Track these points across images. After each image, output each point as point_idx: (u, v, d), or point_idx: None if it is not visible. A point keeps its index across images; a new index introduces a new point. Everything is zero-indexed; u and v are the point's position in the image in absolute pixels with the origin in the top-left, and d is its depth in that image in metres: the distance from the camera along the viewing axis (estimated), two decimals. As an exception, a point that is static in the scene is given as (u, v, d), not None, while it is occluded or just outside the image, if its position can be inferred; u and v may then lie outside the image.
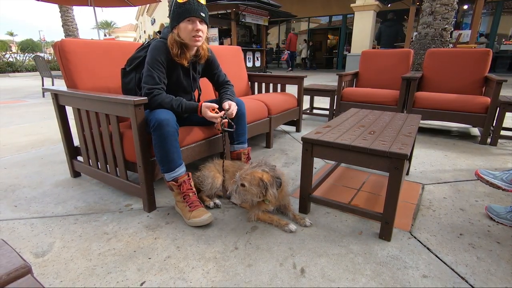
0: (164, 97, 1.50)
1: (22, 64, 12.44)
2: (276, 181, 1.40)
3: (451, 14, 5.30)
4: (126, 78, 1.65)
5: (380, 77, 3.60)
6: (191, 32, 1.52)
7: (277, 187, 1.39)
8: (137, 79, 1.61)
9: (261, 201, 1.45)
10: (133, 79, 1.63)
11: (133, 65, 1.61)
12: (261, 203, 1.46)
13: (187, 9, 1.47)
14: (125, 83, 1.66)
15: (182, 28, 1.51)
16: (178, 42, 1.54)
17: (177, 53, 1.55)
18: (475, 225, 1.44)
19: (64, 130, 1.88)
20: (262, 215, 1.46)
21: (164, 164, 1.45)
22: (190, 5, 1.47)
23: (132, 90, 1.64)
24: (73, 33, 11.48)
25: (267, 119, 2.51)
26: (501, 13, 10.63)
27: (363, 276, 1.10)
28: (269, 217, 1.45)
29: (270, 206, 1.47)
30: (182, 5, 1.47)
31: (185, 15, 1.48)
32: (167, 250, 1.25)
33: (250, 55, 10.36)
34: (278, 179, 1.41)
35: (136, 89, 1.62)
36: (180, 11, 1.48)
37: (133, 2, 8.71)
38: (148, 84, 1.49)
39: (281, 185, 1.43)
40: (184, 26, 1.50)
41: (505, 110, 2.62)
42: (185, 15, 1.48)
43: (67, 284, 1.07)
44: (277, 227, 1.41)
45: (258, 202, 1.46)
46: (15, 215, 1.54)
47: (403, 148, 1.22)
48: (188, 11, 1.48)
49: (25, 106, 4.92)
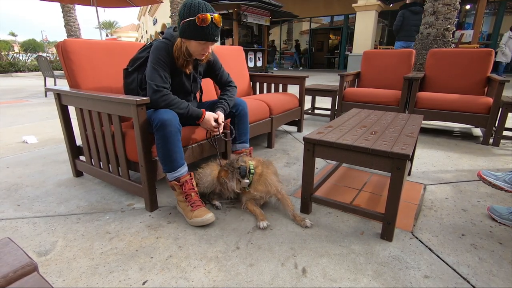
0: (172, 98, 1.50)
1: (25, 64, 12.51)
2: (237, 171, 1.48)
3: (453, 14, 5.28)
4: (128, 78, 1.65)
5: (382, 77, 3.59)
6: (201, 51, 1.51)
7: (240, 176, 1.47)
8: (139, 80, 1.61)
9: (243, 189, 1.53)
10: (135, 79, 1.62)
11: (135, 66, 1.61)
12: (245, 192, 1.54)
13: (204, 33, 1.43)
14: (127, 84, 1.66)
15: (193, 45, 1.49)
16: (184, 53, 1.52)
17: (182, 63, 1.55)
18: (477, 225, 1.44)
19: (67, 130, 1.89)
20: (249, 204, 1.54)
21: (167, 164, 1.46)
22: (208, 29, 1.42)
23: (134, 91, 1.63)
24: (76, 33, 11.54)
25: (269, 119, 2.51)
26: (503, 13, 10.59)
27: (364, 276, 1.10)
28: (253, 209, 1.52)
29: (254, 193, 1.52)
30: (200, 28, 1.41)
31: (201, 38, 1.44)
32: (169, 249, 1.26)
33: (252, 55, 10.36)
34: (239, 169, 1.48)
35: (138, 89, 1.62)
36: (196, 31, 1.42)
37: (135, 3, 8.74)
38: (155, 82, 1.47)
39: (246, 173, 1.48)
40: (195, 45, 1.48)
41: (507, 111, 2.61)
42: (201, 38, 1.44)
43: (70, 283, 1.08)
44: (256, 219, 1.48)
45: (243, 191, 1.54)
46: (18, 214, 1.55)
47: (405, 148, 1.22)
48: (204, 36, 1.43)
49: (28, 106, 4.95)
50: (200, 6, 1.39)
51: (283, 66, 16.91)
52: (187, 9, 1.40)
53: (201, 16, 1.38)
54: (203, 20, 1.38)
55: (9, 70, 11.78)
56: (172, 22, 9.74)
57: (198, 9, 1.39)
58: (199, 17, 1.38)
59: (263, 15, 10.65)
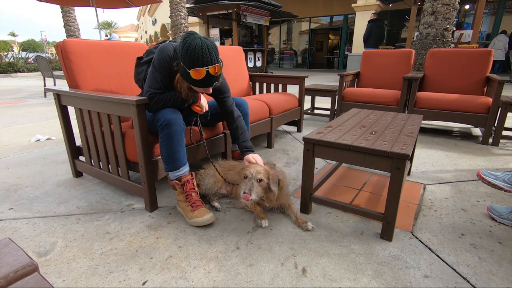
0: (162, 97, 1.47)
1: (24, 64, 12.49)
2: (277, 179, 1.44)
3: (452, 14, 5.29)
4: (139, 68, 1.63)
5: (381, 77, 3.60)
6: (202, 91, 1.48)
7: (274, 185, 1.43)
8: (146, 73, 1.59)
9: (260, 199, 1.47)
10: (144, 71, 1.60)
11: (148, 58, 1.58)
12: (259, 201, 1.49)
13: (200, 84, 1.38)
14: (137, 73, 1.64)
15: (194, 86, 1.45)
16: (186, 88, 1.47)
17: (186, 94, 1.49)
18: (477, 225, 1.44)
19: (66, 130, 1.89)
20: (250, 204, 1.53)
21: (169, 163, 1.46)
22: (204, 81, 1.36)
23: (140, 81, 1.62)
24: (75, 33, 11.53)
25: (269, 119, 2.51)
26: (503, 13, 10.60)
27: (364, 276, 1.10)
28: (253, 208, 1.52)
29: (266, 203, 1.50)
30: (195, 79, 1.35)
31: (196, 85, 1.40)
32: (168, 249, 1.26)
33: (251, 55, 10.37)
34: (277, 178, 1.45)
35: (143, 82, 1.61)
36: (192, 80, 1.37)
37: (134, 3, 8.73)
38: (151, 88, 1.45)
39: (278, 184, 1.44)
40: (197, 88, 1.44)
41: (507, 110, 2.61)
42: (196, 86, 1.41)
43: (70, 283, 1.08)
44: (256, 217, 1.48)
45: None
46: (18, 214, 1.55)
47: (405, 148, 1.22)
48: (200, 85, 1.39)
49: (28, 106, 4.94)
50: (197, 58, 1.29)
51: (282, 66, 16.92)
52: (184, 53, 1.31)
53: (195, 72, 1.32)
54: (197, 76, 1.33)
55: (8, 70, 11.76)
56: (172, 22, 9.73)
57: (193, 62, 1.30)
58: (193, 73, 1.32)
59: (263, 15, 10.67)
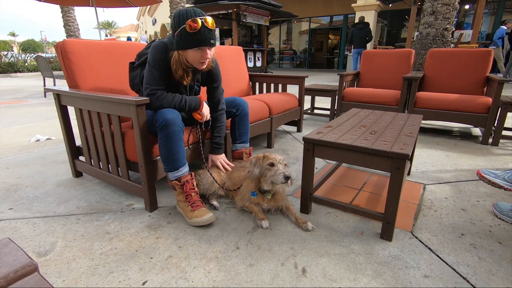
0: (164, 96, 1.49)
1: (24, 64, 12.48)
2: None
3: (452, 14, 5.30)
4: (133, 72, 1.65)
5: (381, 77, 3.60)
6: (200, 59, 1.46)
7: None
8: (141, 76, 1.60)
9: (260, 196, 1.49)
10: (138, 75, 1.61)
11: (140, 61, 1.60)
12: (259, 199, 1.49)
13: (197, 39, 1.38)
14: (132, 77, 1.66)
15: (190, 55, 1.44)
16: (183, 64, 1.48)
17: (182, 75, 1.51)
18: (477, 225, 1.44)
19: (66, 130, 1.89)
20: (248, 204, 1.52)
21: (169, 163, 1.46)
22: (200, 34, 1.37)
23: (137, 86, 1.64)
24: (75, 33, 11.54)
25: (269, 119, 2.51)
26: (502, 13, 10.61)
27: (364, 276, 1.10)
28: (251, 207, 1.51)
29: (265, 204, 1.50)
30: (192, 34, 1.36)
31: (195, 44, 1.40)
32: (168, 249, 1.26)
33: (251, 55, 10.36)
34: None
35: (140, 85, 1.62)
36: (189, 39, 1.38)
37: (134, 3, 8.73)
38: (150, 85, 1.47)
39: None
40: (193, 54, 1.44)
41: (506, 110, 2.61)
42: (195, 44, 1.40)
43: (70, 283, 1.08)
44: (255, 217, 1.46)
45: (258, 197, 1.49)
46: (18, 214, 1.55)
47: (405, 148, 1.22)
48: (198, 41, 1.39)
49: (27, 106, 4.94)
50: (189, 13, 1.36)
51: (282, 66, 16.92)
52: (176, 19, 1.38)
53: (191, 22, 1.33)
54: (193, 26, 1.34)
55: (8, 70, 11.75)
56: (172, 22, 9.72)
57: (187, 16, 1.35)
58: (189, 23, 1.33)
59: (263, 15, 10.66)
